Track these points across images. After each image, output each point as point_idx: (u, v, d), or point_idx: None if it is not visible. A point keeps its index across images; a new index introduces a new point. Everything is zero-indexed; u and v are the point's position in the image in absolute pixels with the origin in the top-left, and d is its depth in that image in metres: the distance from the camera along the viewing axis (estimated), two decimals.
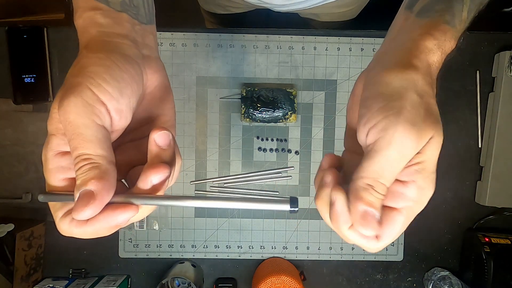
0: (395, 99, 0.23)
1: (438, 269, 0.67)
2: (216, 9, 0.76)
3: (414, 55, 0.25)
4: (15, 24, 0.63)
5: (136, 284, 0.68)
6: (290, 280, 0.59)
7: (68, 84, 0.24)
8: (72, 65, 0.26)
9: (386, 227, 0.24)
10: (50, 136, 0.25)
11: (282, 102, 0.63)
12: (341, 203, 0.24)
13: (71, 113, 0.23)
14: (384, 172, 0.23)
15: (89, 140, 0.23)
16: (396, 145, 0.22)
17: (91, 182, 0.22)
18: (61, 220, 0.24)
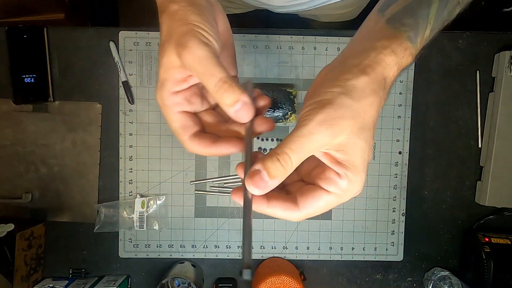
0: (330, 96, 0.27)
1: (438, 269, 0.67)
2: None
3: (372, 67, 0.28)
4: (15, 24, 0.63)
5: (136, 284, 0.68)
6: (290, 280, 0.59)
7: (180, 33, 0.29)
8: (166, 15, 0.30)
9: (310, 198, 0.28)
10: (163, 81, 0.30)
11: (282, 102, 0.63)
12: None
13: (198, 50, 0.28)
14: (293, 145, 0.26)
15: (218, 66, 0.28)
16: (308, 129, 0.26)
17: (242, 95, 0.28)
18: (189, 141, 0.31)
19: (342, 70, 0.28)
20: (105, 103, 0.65)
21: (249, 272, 0.24)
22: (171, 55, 0.29)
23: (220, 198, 0.67)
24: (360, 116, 0.27)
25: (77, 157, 0.65)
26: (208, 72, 0.28)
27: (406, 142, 0.67)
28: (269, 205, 0.28)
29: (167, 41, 0.29)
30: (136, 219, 0.66)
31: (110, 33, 0.64)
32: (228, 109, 0.29)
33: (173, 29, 0.30)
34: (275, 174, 0.26)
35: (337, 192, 0.28)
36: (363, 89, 0.27)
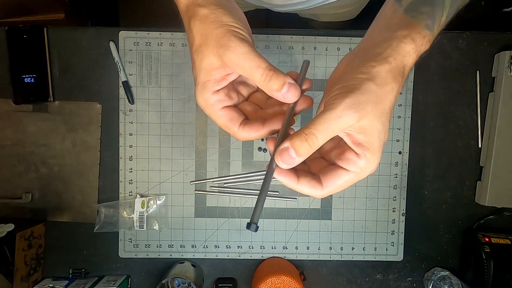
0: (357, 82, 0.29)
1: (438, 269, 0.67)
2: None
3: (392, 55, 0.30)
4: (15, 24, 0.63)
5: (136, 284, 0.68)
6: (290, 280, 0.59)
7: (218, 35, 0.31)
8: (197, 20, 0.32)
9: (332, 177, 0.31)
10: (204, 82, 0.33)
11: None
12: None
13: (240, 47, 0.30)
14: (321, 127, 0.28)
15: (260, 58, 0.31)
16: (335, 111, 0.28)
17: (287, 78, 0.31)
18: (241, 130, 0.34)
19: (366, 59, 0.30)
20: (105, 103, 0.65)
21: (254, 226, 0.29)
22: (211, 57, 0.31)
23: (220, 198, 0.67)
24: (382, 101, 0.29)
25: (77, 157, 0.65)
26: (253, 65, 0.30)
27: (406, 142, 0.67)
28: (299, 182, 0.31)
29: (204, 45, 0.31)
30: (136, 219, 0.66)
31: (110, 33, 0.64)
32: (277, 93, 0.31)
33: (209, 32, 0.31)
34: (301, 152, 0.28)
35: (356, 171, 0.30)
36: (385, 76, 0.29)
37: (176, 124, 0.66)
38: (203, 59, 0.32)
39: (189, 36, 0.33)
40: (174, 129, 0.66)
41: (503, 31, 0.67)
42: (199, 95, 0.33)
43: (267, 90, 0.31)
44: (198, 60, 0.32)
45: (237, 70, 0.31)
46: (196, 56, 0.32)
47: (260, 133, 0.34)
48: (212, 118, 0.34)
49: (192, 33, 0.32)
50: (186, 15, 0.33)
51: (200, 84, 0.33)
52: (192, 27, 0.32)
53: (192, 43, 0.33)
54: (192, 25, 0.32)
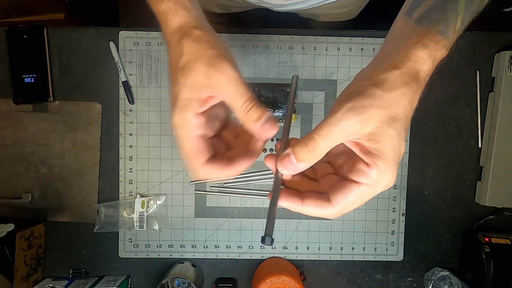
0: (361, 88, 0.27)
1: (438, 269, 0.67)
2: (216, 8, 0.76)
3: (403, 61, 0.29)
4: (15, 24, 0.63)
5: (136, 284, 0.68)
6: (290, 280, 0.59)
7: (210, 55, 0.31)
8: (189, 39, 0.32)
9: (341, 192, 0.28)
10: (188, 101, 0.31)
11: (282, 102, 0.63)
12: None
13: (231, 72, 0.30)
14: (322, 131, 0.27)
15: (246, 88, 0.30)
16: (337, 116, 0.27)
17: (265, 112, 0.31)
18: (203, 167, 0.32)
19: (375, 68, 0.29)
20: (105, 103, 0.65)
21: (270, 238, 0.28)
22: (199, 74, 0.30)
23: (220, 198, 0.67)
24: (391, 106, 0.27)
25: (77, 157, 0.65)
26: (238, 92, 0.30)
27: (406, 142, 0.67)
28: (304, 204, 0.29)
29: (194, 61, 0.31)
30: (136, 219, 0.66)
31: (110, 33, 0.64)
32: (253, 124, 0.31)
33: (201, 52, 0.31)
34: (302, 158, 0.28)
35: (367, 182, 0.28)
36: (393, 81, 0.28)
37: None
38: (189, 75, 0.31)
39: (174, 53, 0.32)
40: None
41: (503, 31, 0.67)
42: (178, 113, 0.31)
43: (245, 119, 0.31)
44: (183, 76, 0.31)
45: (222, 94, 0.31)
46: (180, 72, 0.31)
47: (222, 174, 0.32)
48: (181, 141, 0.32)
49: (181, 50, 0.31)
50: (176, 33, 0.32)
51: (183, 101, 0.31)
52: (184, 44, 0.31)
53: (177, 59, 0.32)
54: (184, 43, 0.31)
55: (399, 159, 0.29)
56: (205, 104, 0.31)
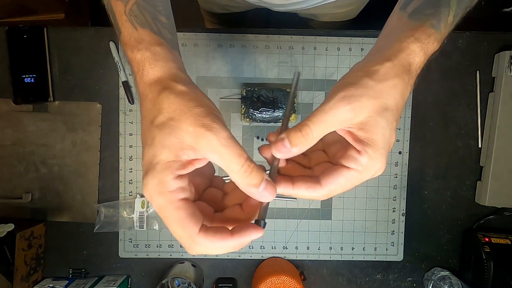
0: (354, 79, 0.28)
1: (438, 269, 0.67)
2: (216, 8, 0.76)
3: (395, 54, 0.29)
4: (15, 24, 0.63)
5: (136, 284, 0.68)
6: (290, 280, 0.59)
7: (199, 113, 0.27)
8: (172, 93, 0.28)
9: (331, 175, 0.29)
10: (167, 162, 0.27)
11: (282, 102, 0.63)
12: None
13: (223, 131, 0.27)
14: (315, 118, 0.28)
15: (241, 147, 0.28)
16: (330, 104, 0.28)
17: (265, 174, 0.29)
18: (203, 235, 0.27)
19: (369, 61, 0.30)
20: (105, 103, 0.65)
21: (263, 222, 0.29)
22: (184, 135, 0.27)
23: None
24: (383, 96, 0.28)
25: (77, 157, 0.65)
26: (234, 153, 0.27)
27: (406, 142, 0.67)
28: (294, 187, 0.30)
29: (178, 120, 0.27)
30: (136, 219, 0.66)
31: (110, 33, 0.64)
32: (254, 189, 0.28)
33: (187, 109, 0.27)
34: (296, 143, 0.28)
35: (357, 168, 0.29)
36: (385, 72, 0.29)
37: None
38: (171, 135, 0.27)
39: (149, 108, 0.29)
40: None
41: (503, 31, 0.67)
42: (155, 177, 0.26)
43: (244, 184, 0.28)
44: (163, 135, 0.27)
45: (211, 156, 0.27)
46: (158, 131, 0.27)
47: (229, 244, 0.29)
48: (164, 211, 0.27)
49: (159, 105, 0.28)
50: (154, 86, 0.29)
51: (161, 164, 0.26)
52: (163, 99, 0.28)
53: (153, 116, 0.28)
54: (164, 97, 0.28)
55: (389, 148, 0.29)
56: (187, 166, 0.28)
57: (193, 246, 0.27)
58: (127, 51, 0.31)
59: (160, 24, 0.33)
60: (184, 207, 0.27)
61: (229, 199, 0.33)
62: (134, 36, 0.31)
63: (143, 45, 0.31)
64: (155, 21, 0.33)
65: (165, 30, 0.33)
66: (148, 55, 0.30)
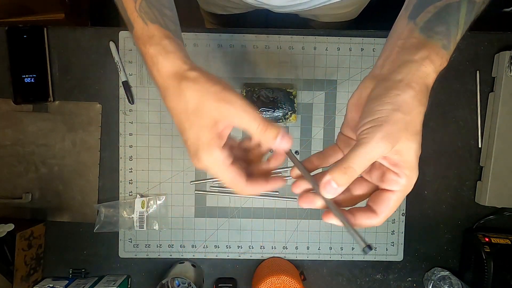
0: (385, 114, 0.31)
1: (438, 269, 0.67)
2: (216, 9, 0.76)
3: (416, 81, 0.32)
4: (15, 24, 0.63)
5: (136, 284, 0.68)
6: (290, 280, 0.59)
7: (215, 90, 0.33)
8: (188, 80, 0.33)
9: (382, 202, 0.32)
10: (209, 140, 0.33)
11: (282, 102, 0.63)
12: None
13: (239, 101, 0.33)
14: (358, 161, 0.30)
15: (255, 111, 0.34)
16: (370, 146, 0.30)
17: (280, 128, 0.34)
18: (248, 185, 0.35)
19: (389, 86, 0.32)
20: (105, 103, 0.65)
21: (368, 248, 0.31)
22: (211, 112, 0.33)
23: (220, 198, 0.67)
24: (412, 125, 0.31)
25: (77, 157, 0.65)
26: (251, 117, 0.33)
27: None
28: (356, 220, 0.33)
29: (203, 102, 0.33)
30: (136, 219, 0.66)
31: (110, 33, 0.64)
32: (272, 141, 0.34)
33: (205, 91, 0.33)
34: (342, 183, 0.31)
35: (400, 190, 0.32)
36: (411, 102, 0.31)
37: None
38: (203, 116, 0.33)
39: (176, 99, 0.34)
40: (174, 129, 0.66)
41: (503, 31, 0.67)
42: (206, 155, 0.33)
43: (264, 139, 0.34)
44: (199, 119, 0.33)
45: (235, 122, 0.33)
46: (194, 117, 0.33)
47: (265, 188, 0.36)
48: (220, 175, 0.34)
49: (183, 95, 0.33)
50: (173, 78, 0.33)
51: (205, 144, 0.33)
52: (185, 89, 0.33)
53: (183, 104, 0.33)
54: (185, 87, 0.33)
55: (418, 160, 0.32)
56: (223, 137, 0.34)
57: (242, 191, 0.35)
58: (140, 45, 0.35)
59: (166, 18, 0.37)
60: (233, 170, 0.34)
61: (252, 153, 0.39)
62: (145, 32, 0.35)
63: (154, 40, 0.35)
64: (162, 16, 0.36)
65: (170, 22, 0.37)
66: (159, 49, 0.34)
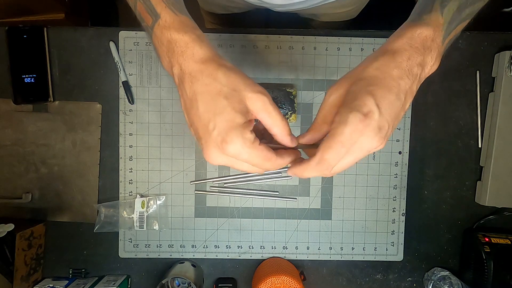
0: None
1: (438, 269, 0.67)
2: (216, 9, 0.76)
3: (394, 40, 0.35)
4: (15, 24, 0.63)
5: (136, 284, 0.68)
6: (290, 280, 0.59)
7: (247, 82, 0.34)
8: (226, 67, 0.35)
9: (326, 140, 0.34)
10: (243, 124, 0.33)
11: (282, 102, 0.63)
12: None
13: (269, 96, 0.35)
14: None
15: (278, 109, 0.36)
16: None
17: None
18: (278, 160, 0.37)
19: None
20: (105, 103, 0.65)
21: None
22: (246, 100, 0.34)
23: (220, 198, 0.67)
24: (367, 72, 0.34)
25: (77, 157, 0.65)
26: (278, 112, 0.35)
27: (406, 142, 0.67)
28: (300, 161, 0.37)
29: (240, 90, 0.34)
30: (136, 219, 0.66)
31: (110, 33, 0.64)
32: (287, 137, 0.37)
33: (242, 80, 0.34)
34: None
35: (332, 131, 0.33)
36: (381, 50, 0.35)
37: (176, 124, 0.66)
38: (239, 103, 0.33)
39: (211, 82, 0.34)
40: (174, 129, 0.66)
41: (503, 31, 0.67)
42: (240, 137, 0.33)
43: (283, 134, 0.37)
44: (233, 103, 0.33)
45: (262, 114, 0.35)
46: (228, 101, 0.33)
47: (292, 159, 0.38)
48: (253, 154, 0.34)
49: (219, 79, 0.33)
50: (210, 63, 0.34)
51: (240, 126, 0.33)
52: (222, 72, 0.34)
53: (218, 88, 0.33)
54: (223, 71, 0.34)
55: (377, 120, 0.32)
56: (252, 123, 0.35)
57: (275, 165, 0.36)
58: (172, 33, 0.35)
59: (187, 12, 0.38)
60: (262, 147, 0.35)
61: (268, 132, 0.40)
62: (177, 20, 0.36)
63: (188, 28, 0.36)
64: (185, 9, 0.38)
65: (189, 15, 0.38)
66: (194, 37, 0.35)
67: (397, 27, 0.43)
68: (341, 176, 0.67)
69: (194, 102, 0.34)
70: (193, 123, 0.34)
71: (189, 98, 0.34)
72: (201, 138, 0.34)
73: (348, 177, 0.67)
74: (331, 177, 0.67)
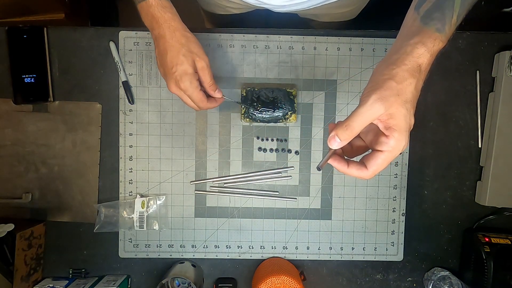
0: (380, 82, 0.38)
1: (438, 269, 0.67)
2: (216, 9, 0.76)
3: (407, 58, 0.38)
4: (15, 24, 0.63)
5: (136, 284, 0.68)
6: (290, 280, 0.59)
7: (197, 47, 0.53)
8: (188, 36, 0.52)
9: (372, 159, 0.39)
10: (194, 73, 0.52)
11: (282, 102, 0.63)
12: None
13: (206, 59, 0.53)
14: (356, 118, 0.37)
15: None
16: (366, 106, 0.37)
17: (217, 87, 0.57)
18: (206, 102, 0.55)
19: (388, 63, 0.39)
20: (105, 103, 0.65)
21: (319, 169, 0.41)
22: (194, 55, 0.52)
23: (220, 198, 0.67)
24: (403, 93, 0.37)
25: (77, 157, 0.65)
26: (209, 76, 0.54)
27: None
28: (349, 167, 0.40)
29: (192, 48, 0.52)
30: (136, 219, 0.66)
31: (110, 33, 0.64)
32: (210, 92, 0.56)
33: (194, 42, 0.52)
34: (343, 138, 0.38)
35: (388, 149, 0.38)
36: (403, 74, 0.38)
37: (176, 124, 0.66)
38: (198, 56, 0.52)
39: (183, 39, 0.51)
40: (174, 129, 0.66)
41: (503, 31, 0.67)
42: (191, 78, 0.51)
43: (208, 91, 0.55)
44: (192, 55, 0.51)
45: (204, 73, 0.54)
46: (185, 58, 0.51)
47: (215, 106, 0.57)
48: (194, 94, 0.52)
49: (187, 38, 0.52)
50: (179, 32, 0.51)
51: (190, 74, 0.51)
52: (189, 36, 0.52)
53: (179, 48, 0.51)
54: (189, 35, 0.52)
55: (410, 128, 0.38)
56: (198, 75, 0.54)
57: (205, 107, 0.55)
58: (156, 11, 0.50)
59: None
60: (202, 92, 0.54)
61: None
62: (160, 3, 0.50)
63: (167, 9, 0.51)
64: None
65: None
66: (170, 16, 0.51)
67: (397, 27, 0.43)
68: (341, 176, 0.67)
69: (164, 54, 0.51)
70: (162, 65, 0.52)
71: (161, 50, 0.51)
72: (166, 75, 0.52)
73: (348, 177, 0.67)
74: (331, 177, 0.67)
